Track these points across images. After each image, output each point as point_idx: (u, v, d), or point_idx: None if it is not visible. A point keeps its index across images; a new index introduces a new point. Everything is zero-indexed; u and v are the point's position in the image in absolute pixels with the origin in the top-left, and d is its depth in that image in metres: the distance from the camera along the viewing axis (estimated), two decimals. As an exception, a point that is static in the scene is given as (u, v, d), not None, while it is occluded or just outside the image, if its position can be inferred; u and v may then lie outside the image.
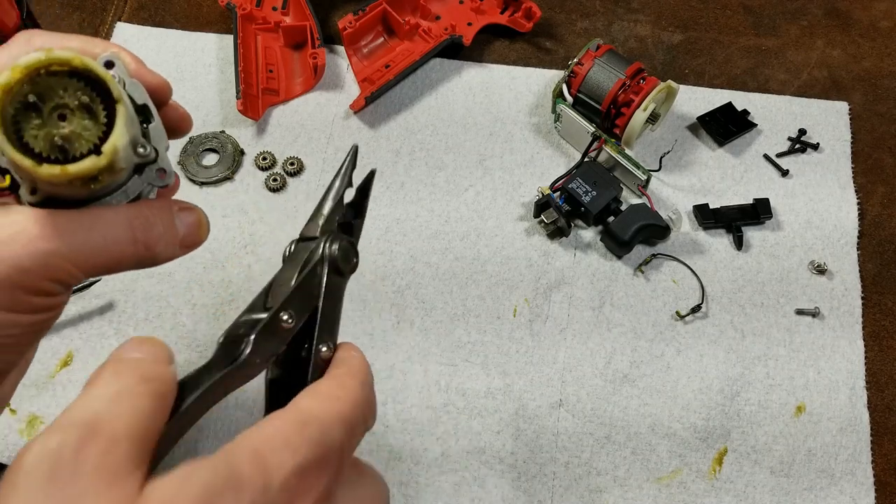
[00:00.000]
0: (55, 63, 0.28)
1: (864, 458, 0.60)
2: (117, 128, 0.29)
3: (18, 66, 0.28)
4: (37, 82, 0.28)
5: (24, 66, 0.28)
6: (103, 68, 0.29)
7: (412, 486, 0.59)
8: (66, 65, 0.29)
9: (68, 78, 0.29)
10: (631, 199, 0.70)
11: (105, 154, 0.28)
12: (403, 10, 0.77)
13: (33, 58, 0.28)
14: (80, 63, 0.28)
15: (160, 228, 0.32)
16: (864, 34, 0.79)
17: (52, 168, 0.27)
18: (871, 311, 0.66)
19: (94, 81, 0.29)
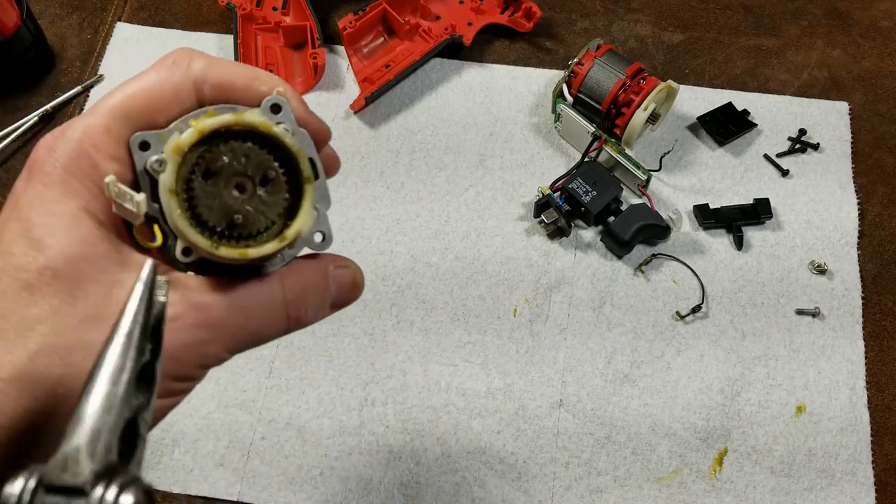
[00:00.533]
0: (240, 126, 0.26)
1: (865, 458, 0.60)
2: (304, 211, 0.26)
3: (204, 127, 0.25)
4: (216, 145, 0.25)
5: (208, 128, 0.25)
6: (293, 141, 0.26)
7: (412, 486, 0.59)
8: (253, 128, 0.26)
9: (251, 142, 0.26)
10: (631, 199, 0.70)
11: (288, 238, 0.26)
12: (403, 10, 0.77)
13: (220, 120, 0.25)
14: (268, 131, 0.26)
15: (314, 296, 0.29)
16: (864, 34, 0.79)
17: (231, 250, 0.25)
18: (871, 311, 0.66)
19: (279, 148, 0.26)
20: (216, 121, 0.25)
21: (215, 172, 0.25)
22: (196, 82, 0.27)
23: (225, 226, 0.25)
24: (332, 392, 0.62)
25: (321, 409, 0.62)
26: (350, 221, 0.69)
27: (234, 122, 0.25)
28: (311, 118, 0.29)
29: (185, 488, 0.59)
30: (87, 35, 0.80)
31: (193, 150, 0.25)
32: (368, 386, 0.63)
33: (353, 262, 0.32)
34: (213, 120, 0.25)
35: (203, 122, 0.25)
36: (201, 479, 0.60)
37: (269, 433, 0.61)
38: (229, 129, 0.25)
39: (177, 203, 0.25)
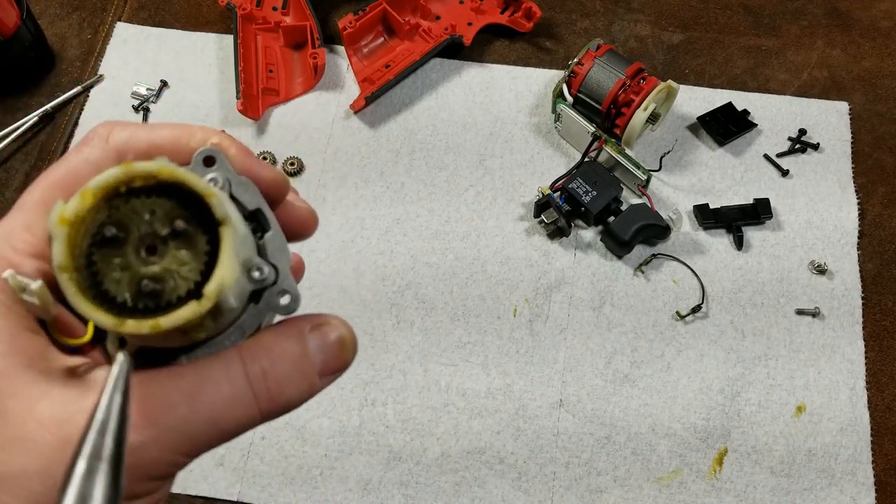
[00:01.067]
0: (137, 178, 0.22)
1: (865, 457, 0.60)
2: (223, 261, 0.22)
3: (89, 189, 0.21)
4: (116, 206, 0.22)
5: (95, 189, 0.21)
6: (199, 179, 0.22)
7: (412, 486, 0.59)
8: (152, 179, 0.22)
9: (156, 196, 0.22)
10: (631, 199, 0.70)
11: (208, 297, 0.21)
12: (403, 10, 0.77)
13: (106, 177, 0.21)
14: (170, 176, 0.22)
15: (287, 367, 0.24)
16: (864, 34, 0.79)
17: (139, 324, 0.21)
18: (871, 311, 0.66)
19: (189, 196, 0.22)
20: (102, 178, 0.21)
21: (113, 238, 0.22)
22: (119, 154, 0.24)
23: (137, 296, 0.22)
24: (332, 392, 0.62)
25: (321, 409, 0.62)
26: (350, 221, 0.69)
27: (127, 176, 0.21)
28: (258, 166, 0.25)
29: (184, 488, 0.59)
30: (87, 35, 0.80)
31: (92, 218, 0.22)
32: (368, 386, 0.63)
33: (338, 318, 0.27)
34: (98, 178, 0.21)
35: (89, 183, 0.21)
36: (201, 479, 0.60)
37: (268, 433, 0.61)
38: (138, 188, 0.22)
39: (71, 280, 0.21)
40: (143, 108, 0.75)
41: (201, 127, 0.25)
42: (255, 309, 0.25)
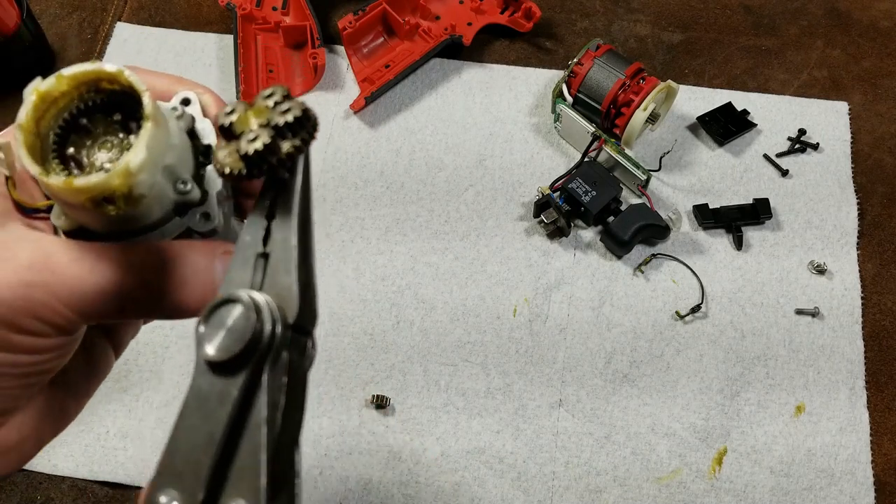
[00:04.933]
0: (104, 77, 0.26)
1: (864, 457, 0.60)
2: (135, 146, 0.25)
3: (64, 74, 0.26)
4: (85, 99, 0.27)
5: (69, 77, 0.26)
6: (142, 85, 0.26)
7: (412, 485, 0.59)
8: (115, 82, 0.27)
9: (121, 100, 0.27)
10: (631, 199, 0.70)
11: (116, 172, 0.24)
12: (403, 10, 0.77)
13: (81, 68, 0.26)
14: (125, 80, 0.26)
15: (187, 272, 0.27)
16: (863, 34, 0.79)
17: (57, 178, 0.24)
18: (870, 311, 0.66)
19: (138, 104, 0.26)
20: (77, 68, 0.26)
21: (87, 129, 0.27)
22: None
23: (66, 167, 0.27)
24: (332, 392, 0.63)
25: (321, 409, 0.62)
26: (350, 221, 0.69)
27: (93, 71, 0.26)
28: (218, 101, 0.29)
29: (185, 488, 0.59)
30: (87, 35, 0.80)
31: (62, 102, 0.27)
32: (368, 386, 0.63)
33: None
34: (74, 67, 0.26)
35: (64, 70, 0.26)
36: None
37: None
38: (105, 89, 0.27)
39: (25, 138, 0.25)
40: (143, 108, 0.75)
41: (194, 82, 0.30)
42: (179, 221, 0.28)
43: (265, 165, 0.25)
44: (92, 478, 0.59)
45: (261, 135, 0.24)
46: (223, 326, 0.23)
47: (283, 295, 0.25)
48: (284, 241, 0.25)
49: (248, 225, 0.26)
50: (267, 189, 0.26)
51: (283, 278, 0.25)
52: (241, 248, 0.26)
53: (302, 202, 0.26)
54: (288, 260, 0.25)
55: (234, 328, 0.23)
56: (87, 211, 0.26)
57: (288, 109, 0.25)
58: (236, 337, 0.23)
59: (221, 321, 0.23)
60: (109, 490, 0.60)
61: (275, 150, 0.25)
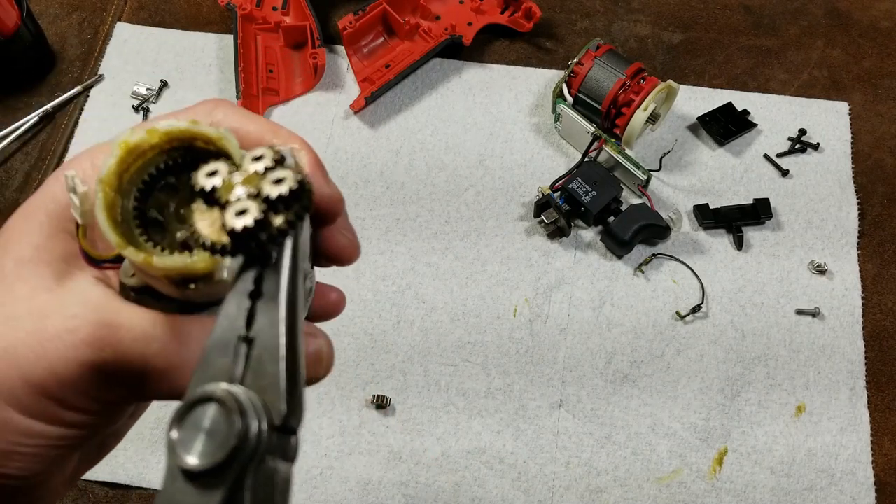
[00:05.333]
0: (200, 138, 0.24)
1: (865, 458, 0.60)
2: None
3: (156, 128, 0.23)
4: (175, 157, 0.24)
5: (161, 131, 0.23)
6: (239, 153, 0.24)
7: (412, 485, 0.59)
8: (211, 144, 0.24)
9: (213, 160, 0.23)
10: (631, 199, 0.70)
11: (201, 258, 0.22)
12: (403, 10, 0.77)
13: (176, 124, 0.24)
14: (222, 146, 0.24)
15: None
16: (864, 34, 0.79)
17: (135, 254, 0.22)
18: (871, 311, 0.66)
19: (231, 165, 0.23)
20: (172, 123, 0.24)
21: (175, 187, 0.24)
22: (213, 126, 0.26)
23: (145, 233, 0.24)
24: (333, 392, 0.62)
25: (321, 409, 0.62)
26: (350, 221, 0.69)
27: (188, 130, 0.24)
28: (320, 179, 0.26)
29: (185, 488, 0.59)
30: (87, 35, 0.80)
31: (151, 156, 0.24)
32: (368, 386, 0.63)
33: (324, 334, 0.28)
34: (168, 122, 0.24)
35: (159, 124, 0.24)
36: None
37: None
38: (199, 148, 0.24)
39: (104, 194, 0.23)
40: (143, 108, 0.75)
41: (289, 131, 0.26)
42: None
43: (253, 243, 0.22)
44: (92, 478, 0.59)
45: (250, 208, 0.21)
46: (200, 429, 0.20)
47: (269, 390, 0.21)
48: (271, 325, 0.22)
49: (229, 303, 0.22)
50: (250, 263, 0.23)
51: (269, 369, 0.21)
52: (221, 330, 0.22)
53: (291, 280, 0.23)
54: (275, 347, 0.22)
55: (213, 432, 0.20)
56: (162, 284, 0.24)
57: (282, 179, 0.22)
58: (218, 443, 0.20)
59: (197, 423, 0.20)
60: (109, 490, 0.60)
61: (266, 226, 0.22)
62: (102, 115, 0.75)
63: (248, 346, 0.22)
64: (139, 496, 0.59)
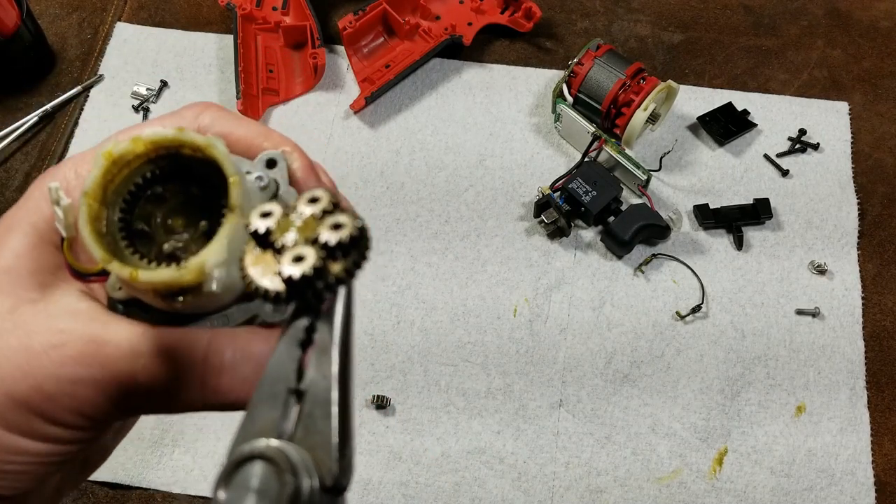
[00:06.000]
0: (186, 146, 0.23)
1: (865, 458, 0.60)
2: (213, 243, 0.22)
3: (141, 137, 0.23)
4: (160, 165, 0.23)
5: (146, 140, 0.23)
6: (231, 164, 0.22)
7: (412, 485, 0.59)
8: (199, 151, 0.23)
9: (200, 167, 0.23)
10: (631, 199, 0.70)
11: (188, 269, 0.21)
12: (403, 10, 0.77)
13: (161, 132, 0.23)
14: (210, 154, 0.22)
15: (247, 369, 0.24)
16: (864, 34, 0.79)
17: (121, 268, 0.21)
18: (871, 311, 0.66)
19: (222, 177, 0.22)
20: (157, 131, 0.23)
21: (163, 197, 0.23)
22: (200, 131, 0.25)
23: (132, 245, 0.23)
24: (332, 392, 0.62)
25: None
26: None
27: (174, 138, 0.22)
28: (315, 183, 0.25)
29: (184, 488, 0.59)
30: (87, 35, 0.80)
31: (136, 165, 0.23)
32: (368, 386, 0.63)
33: None
34: (154, 130, 0.23)
35: (144, 132, 0.22)
36: (201, 479, 0.60)
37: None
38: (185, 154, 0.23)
39: (88, 207, 0.22)
40: (143, 108, 0.75)
41: (280, 134, 0.26)
42: (246, 307, 0.25)
43: (310, 291, 0.20)
44: (92, 478, 0.59)
45: (308, 255, 0.20)
46: (250, 489, 0.19)
47: (320, 448, 0.20)
48: (324, 378, 0.21)
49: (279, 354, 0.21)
50: (302, 312, 0.22)
51: (321, 425, 0.20)
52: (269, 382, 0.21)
53: (344, 330, 0.21)
54: (327, 402, 0.20)
55: (264, 492, 0.18)
56: (150, 297, 0.23)
57: (340, 225, 0.20)
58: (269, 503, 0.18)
59: (246, 483, 0.19)
60: (109, 490, 0.60)
61: (323, 275, 0.20)
62: (102, 115, 0.75)
63: (299, 400, 0.21)
64: (139, 496, 0.59)
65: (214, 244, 0.22)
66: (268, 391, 0.21)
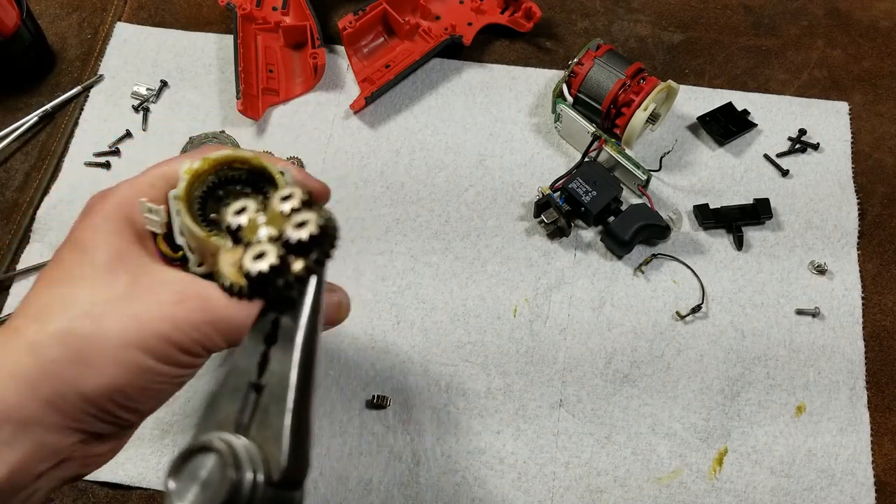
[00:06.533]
0: (238, 160, 0.34)
1: (865, 458, 0.60)
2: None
3: (208, 157, 0.34)
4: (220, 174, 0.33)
5: (212, 159, 0.33)
6: (275, 168, 0.33)
7: (412, 486, 0.59)
8: (247, 163, 0.33)
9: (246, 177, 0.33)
10: (631, 199, 0.70)
11: None
12: (403, 9, 0.77)
13: (222, 153, 0.33)
14: (258, 163, 0.33)
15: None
16: (864, 34, 0.79)
17: (217, 239, 0.31)
18: (871, 311, 0.66)
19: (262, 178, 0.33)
20: (219, 153, 0.33)
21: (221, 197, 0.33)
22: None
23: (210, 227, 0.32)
24: (333, 392, 0.62)
25: (321, 409, 0.62)
26: (350, 222, 0.69)
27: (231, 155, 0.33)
28: (308, 178, 0.39)
29: (185, 488, 0.59)
30: (87, 35, 0.80)
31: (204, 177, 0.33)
32: (368, 386, 0.63)
33: (341, 288, 0.41)
34: (216, 153, 0.33)
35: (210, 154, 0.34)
36: None
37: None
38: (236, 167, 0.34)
39: (185, 206, 0.32)
40: (143, 108, 0.75)
41: (277, 158, 0.40)
42: None
43: (270, 288, 0.22)
44: (92, 478, 0.59)
45: (268, 252, 0.22)
46: (196, 480, 0.20)
47: (272, 442, 0.21)
48: (282, 375, 0.22)
49: (244, 348, 0.23)
50: (269, 308, 0.23)
51: (274, 421, 0.21)
52: (233, 375, 0.22)
53: (308, 329, 0.23)
54: (283, 399, 0.21)
55: (208, 483, 0.20)
56: None
57: (304, 223, 0.22)
58: (210, 495, 0.19)
59: (194, 473, 0.20)
60: (109, 490, 0.60)
61: (283, 272, 0.22)
62: (102, 115, 0.75)
63: (258, 394, 0.21)
64: (139, 496, 0.59)
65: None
66: (231, 384, 0.22)
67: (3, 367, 0.32)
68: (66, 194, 0.71)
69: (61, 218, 0.69)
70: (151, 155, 0.73)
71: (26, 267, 0.67)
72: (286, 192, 0.24)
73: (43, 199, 0.71)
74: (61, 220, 0.69)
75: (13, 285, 0.67)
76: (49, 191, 0.71)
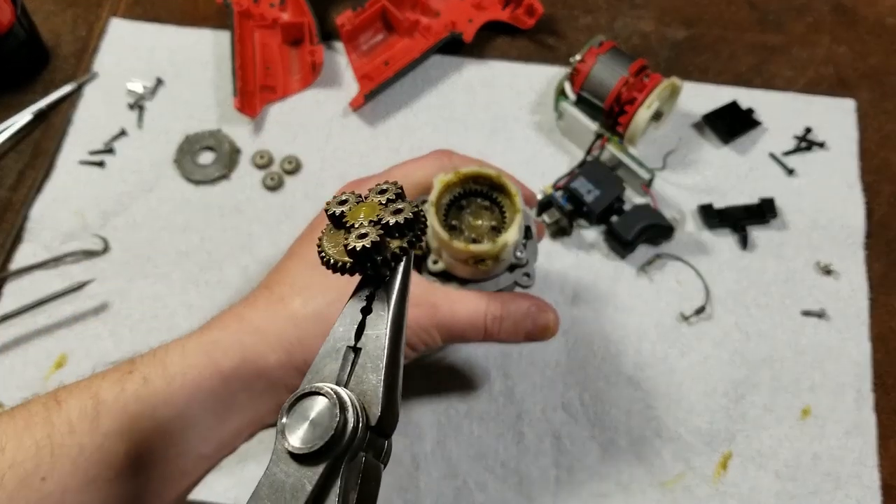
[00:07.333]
0: (481, 175, 0.43)
1: (871, 461, 0.59)
2: (511, 229, 0.41)
3: (460, 171, 0.43)
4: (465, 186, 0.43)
5: (461, 173, 0.43)
6: (514, 188, 0.42)
7: (412, 490, 0.58)
8: (488, 179, 0.43)
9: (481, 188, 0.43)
10: (634, 198, 0.69)
11: (498, 244, 0.41)
12: (403, 6, 0.75)
13: (470, 168, 0.43)
14: (498, 180, 0.43)
15: (510, 322, 0.45)
16: (870, 31, 0.78)
17: (459, 244, 0.40)
18: (878, 312, 0.65)
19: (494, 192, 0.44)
20: (468, 168, 0.43)
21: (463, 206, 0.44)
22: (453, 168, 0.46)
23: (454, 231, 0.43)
24: (331, 395, 0.62)
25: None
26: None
27: (476, 170, 0.43)
28: (527, 190, 0.50)
29: (181, 493, 0.58)
30: (82, 32, 0.79)
31: (452, 188, 0.43)
32: (368, 389, 0.62)
33: (554, 310, 0.48)
34: (465, 168, 0.43)
35: (461, 168, 0.43)
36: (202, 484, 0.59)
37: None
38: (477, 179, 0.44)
39: (434, 212, 0.41)
40: (138, 105, 0.74)
41: (494, 166, 0.47)
42: (508, 276, 0.46)
43: (369, 262, 0.25)
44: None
45: (370, 231, 0.25)
46: (306, 418, 0.23)
47: (368, 394, 0.25)
48: (377, 339, 0.26)
49: (343, 316, 0.27)
50: (366, 283, 0.27)
51: (370, 377, 0.25)
52: (333, 339, 0.26)
53: (398, 302, 0.27)
54: (377, 359, 0.26)
55: (317, 421, 0.23)
56: (464, 264, 0.42)
57: (400, 210, 0.26)
58: (319, 431, 0.23)
59: (304, 413, 0.23)
60: None
61: (381, 249, 0.25)
62: (97, 112, 0.74)
63: (355, 355, 0.26)
64: None
65: (512, 229, 0.42)
66: (331, 347, 0.26)
67: (271, 333, 0.40)
68: (60, 193, 0.70)
69: (55, 217, 0.68)
70: (147, 153, 0.72)
71: (19, 267, 0.66)
72: (383, 186, 0.27)
73: (36, 199, 0.70)
74: (55, 219, 0.68)
75: (6, 285, 0.66)
76: (43, 190, 0.70)
